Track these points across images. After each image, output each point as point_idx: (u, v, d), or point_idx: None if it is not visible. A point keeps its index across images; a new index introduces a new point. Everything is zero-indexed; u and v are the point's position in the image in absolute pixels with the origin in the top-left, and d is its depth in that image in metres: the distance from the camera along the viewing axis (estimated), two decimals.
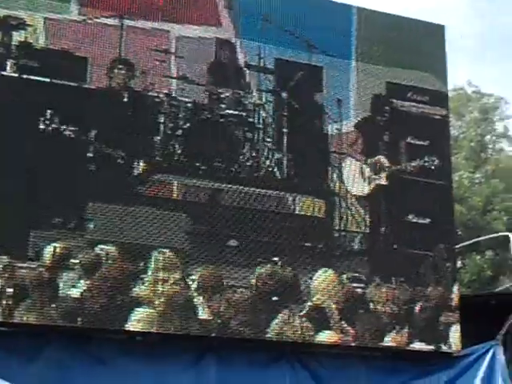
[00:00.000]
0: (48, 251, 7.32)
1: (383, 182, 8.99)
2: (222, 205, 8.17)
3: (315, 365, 8.39)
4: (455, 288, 9.00)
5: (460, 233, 20.11)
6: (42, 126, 7.62)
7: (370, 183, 8.91)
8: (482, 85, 27.13)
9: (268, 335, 7.98)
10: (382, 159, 9.02)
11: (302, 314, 8.15)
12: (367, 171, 8.92)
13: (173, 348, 7.83)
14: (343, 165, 8.85)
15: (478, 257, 21.91)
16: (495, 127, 27.35)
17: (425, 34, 9.83)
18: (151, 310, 7.57)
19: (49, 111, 7.65)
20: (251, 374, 8.00)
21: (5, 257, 7.14)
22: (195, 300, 7.81)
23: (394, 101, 9.31)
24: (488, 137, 27.50)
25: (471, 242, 19.77)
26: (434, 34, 9.95)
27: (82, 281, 7.36)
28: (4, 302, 7.11)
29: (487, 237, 20.10)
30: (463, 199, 23.21)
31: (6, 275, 7.11)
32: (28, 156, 7.49)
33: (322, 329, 8.20)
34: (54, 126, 7.63)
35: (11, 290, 7.10)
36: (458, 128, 26.88)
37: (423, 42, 9.78)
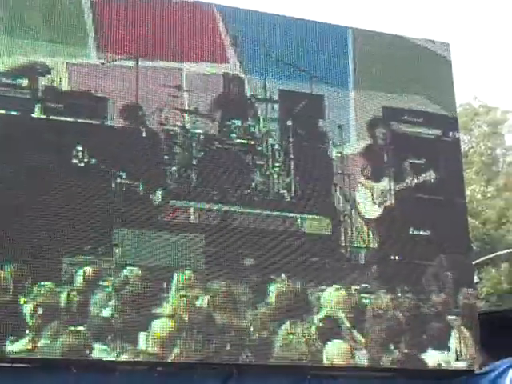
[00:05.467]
0: (79, 275, 8.07)
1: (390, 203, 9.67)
2: (236, 226, 8.87)
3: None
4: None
5: (475, 247, 20.52)
6: (72, 162, 8.36)
7: (379, 206, 9.60)
8: (487, 99, 27.63)
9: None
10: (387, 182, 9.70)
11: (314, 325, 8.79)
12: (377, 195, 9.60)
13: None
14: (356, 190, 9.53)
15: (494, 270, 22.30)
16: (504, 140, 27.77)
17: (429, 54, 10.50)
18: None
19: (76, 148, 8.40)
20: None
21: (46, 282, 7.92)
22: (214, 316, 8.48)
23: (392, 123, 10.00)
24: (498, 150, 27.93)
25: (489, 256, 20.18)
26: (439, 53, 10.56)
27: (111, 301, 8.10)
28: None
29: (504, 251, 20.52)
30: (477, 213, 23.65)
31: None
32: (59, 190, 8.22)
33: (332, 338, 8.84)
34: (80, 161, 8.38)
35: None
36: (468, 143, 27.31)
37: (427, 64, 10.45)
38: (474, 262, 11.75)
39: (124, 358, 8.01)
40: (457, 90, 10.54)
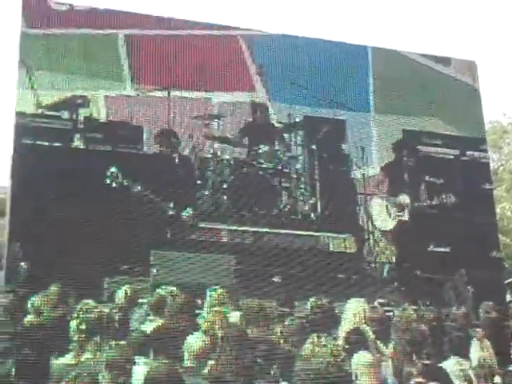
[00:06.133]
0: (119, 293, 8.66)
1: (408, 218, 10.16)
2: (265, 246, 9.40)
3: None
4: None
5: (507, 265, 20.61)
6: (107, 188, 8.96)
7: (394, 219, 10.09)
8: None
9: None
10: (404, 198, 10.20)
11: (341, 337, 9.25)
12: (393, 209, 10.09)
13: None
14: (372, 203, 10.03)
15: None
16: None
17: (449, 75, 11.07)
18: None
19: (112, 174, 9.00)
20: None
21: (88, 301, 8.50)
22: (246, 331, 8.99)
23: (413, 145, 10.51)
24: None
25: None
26: (464, 72, 11.17)
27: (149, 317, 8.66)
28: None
29: None
30: (507, 231, 23.74)
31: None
32: (98, 215, 8.81)
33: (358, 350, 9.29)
34: (117, 187, 8.97)
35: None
36: (497, 161, 27.43)
37: (448, 85, 11.00)
38: (506, 282, 12.03)
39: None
40: (485, 107, 11.03)
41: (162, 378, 8.42)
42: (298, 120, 10.04)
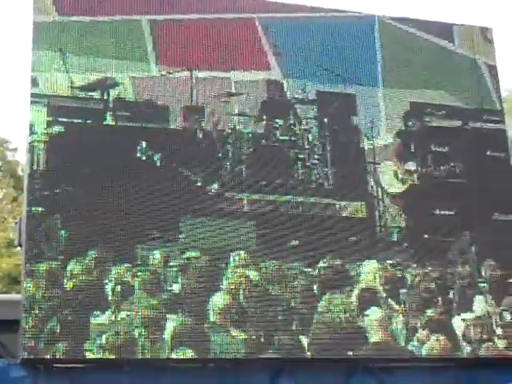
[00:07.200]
0: (151, 258, 9.48)
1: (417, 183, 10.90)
2: (283, 213, 10.19)
3: None
4: None
5: None
6: (138, 162, 9.77)
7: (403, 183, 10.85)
8: None
9: None
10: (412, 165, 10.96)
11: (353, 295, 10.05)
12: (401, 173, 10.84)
13: None
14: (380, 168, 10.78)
15: None
16: None
17: (467, 40, 11.83)
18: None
19: (143, 149, 9.80)
20: None
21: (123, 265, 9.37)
22: (269, 290, 9.81)
23: (421, 116, 11.23)
24: None
25: None
26: (479, 39, 11.91)
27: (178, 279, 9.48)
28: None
29: None
30: None
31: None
32: (130, 185, 9.62)
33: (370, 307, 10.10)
34: (147, 160, 9.78)
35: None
36: None
37: (458, 56, 11.73)
38: None
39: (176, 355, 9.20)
40: (502, 74, 11.56)
41: (189, 334, 9.31)
42: (310, 95, 10.78)
